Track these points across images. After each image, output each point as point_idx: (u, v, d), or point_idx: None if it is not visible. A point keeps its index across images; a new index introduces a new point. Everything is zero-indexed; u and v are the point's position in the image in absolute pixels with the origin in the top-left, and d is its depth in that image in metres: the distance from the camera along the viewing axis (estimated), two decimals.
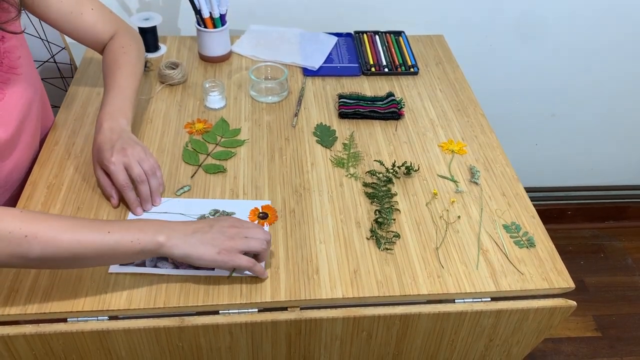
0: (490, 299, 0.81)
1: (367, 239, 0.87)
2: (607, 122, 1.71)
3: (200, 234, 0.75)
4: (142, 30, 1.20)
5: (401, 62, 1.26)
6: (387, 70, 1.24)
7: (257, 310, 0.77)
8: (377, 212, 0.90)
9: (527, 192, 0.96)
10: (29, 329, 0.73)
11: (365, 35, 1.35)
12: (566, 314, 0.83)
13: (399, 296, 0.79)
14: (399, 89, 1.20)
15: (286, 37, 1.33)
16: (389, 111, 1.10)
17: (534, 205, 0.94)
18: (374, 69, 1.24)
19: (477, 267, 0.83)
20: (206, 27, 1.19)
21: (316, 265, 0.82)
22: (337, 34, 1.36)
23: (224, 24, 1.21)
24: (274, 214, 0.89)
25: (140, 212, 0.87)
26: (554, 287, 0.81)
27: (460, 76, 1.25)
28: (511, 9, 1.42)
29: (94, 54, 1.22)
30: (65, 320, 0.75)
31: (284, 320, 0.77)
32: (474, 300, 0.81)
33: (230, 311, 0.77)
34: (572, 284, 0.82)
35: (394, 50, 1.30)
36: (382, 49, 1.31)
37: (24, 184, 0.92)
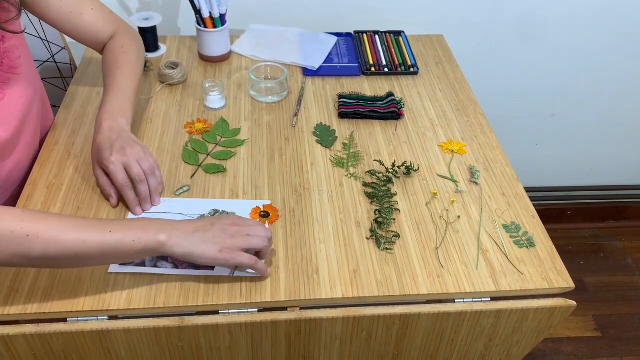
0: (490, 299, 0.81)
1: (367, 238, 0.87)
2: (607, 122, 1.71)
3: (201, 233, 0.75)
4: (142, 30, 1.20)
5: (401, 62, 1.26)
6: (387, 70, 1.24)
7: (257, 310, 0.77)
8: (377, 212, 0.90)
9: (527, 192, 0.96)
10: (28, 329, 0.73)
11: (365, 35, 1.35)
12: (566, 314, 0.83)
13: (399, 296, 0.79)
14: (399, 88, 1.20)
15: (286, 36, 1.33)
16: (389, 111, 1.10)
17: (534, 205, 0.94)
18: (373, 69, 1.24)
19: (477, 267, 0.83)
20: (206, 27, 1.19)
21: (316, 265, 0.82)
22: (337, 34, 1.36)
23: (223, 24, 1.21)
24: (275, 213, 0.89)
25: (139, 211, 0.87)
26: (553, 287, 0.81)
27: (460, 76, 1.25)
28: (511, 9, 1.42)
29: (94, 54, 1.22)
30: (65, 320, 0.75)
31: (283, 320, 0.77)
32: (474, 300, 0.81)
33: (230, 311, 0.77)
34: (572, 284, 0.82)
35: (393, 50, 1.30)
36: (382, 48, 1.31)
37: (24, 183, 0.92)
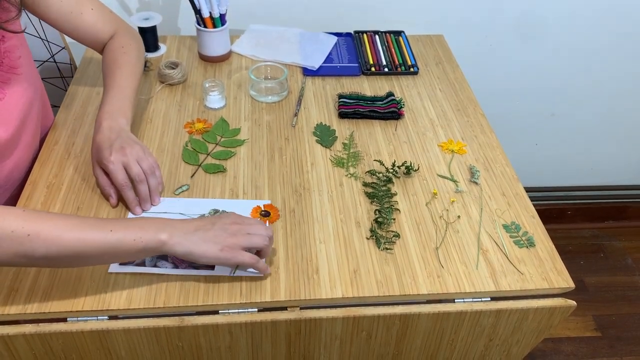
0: (490, 299, 0.81)
1: (367, 238, 0.87)
2: (607, 122, 1.71)
3: (202, 232, 0.75)
4: (142, 30, 1.20)
5: (401, 62, 1.26)
6: (386, 70, 1.24)
7: (256, 310, 0.77)
8: (377, 212, 0.90)
9: (527, 192, 0.96)
10: (28, 329, 0.73)
11: (365, 35, 1.35)
12: (566, 314, 0.83)
13: (399, 296, 0.79)
14: (399, 88, 1.20)
15: (286, 36, 1.33)
16: (389, 111, 1.10)
17: (534, 205, 0.94)
18: (373, 69, 1.24)
19: (477, 267, 0.83)
20: (206, 26, 1.19)
21: (316, 265, 0.82)
22: (337, 34, 1.36)
23: (223, 24, 1.21)
24: (275, 213, 0.89)
25: (139, 211, 0.87)
26: (553, 286, 0.81)
27: (460, 76, 1.25)
28: (511, 9, 1.42)
29: (94, 54, 1.22)
30: (65, 320, 0.75)
31: (283, 320, 0.77)
32: (474, 300, 0.81)
33: (230, 311, 0.77)
34: (571, 284, 0.82)
35: (393, 50, 1.30)
36: (382, 48, 1.31)
37: (24, 183, 0.92)
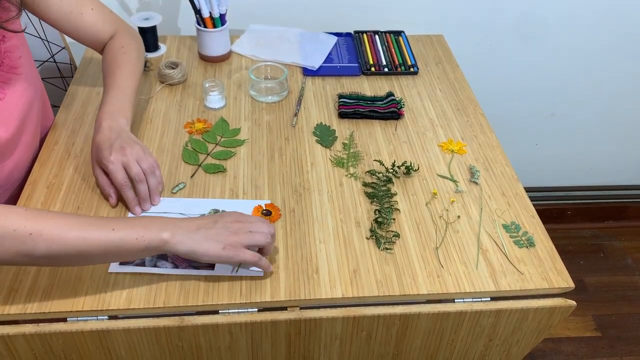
0: (489, 299, 0.81)
1: (367, 238, 0.87)
2: (607, 121, 1.71)
3: (204, 230, 0.75)
4: (142, 30, 1.20)
5: (401, 61, 1.26)
6: (386, 70, 1.24)
7: (256, 309, 0.77)
8: (376, 212, 0.90)
9: (526, 191, 0.96)
10: (28, 329, 0.73)
11: (365, 35, 1.35)
12: (566, 314, 0.83)
13: (399, 296, 0.79)
14: (399, 88, 1.20)
15: (286, 36, 1.33)
16: (389, 111, 1.10)
17: (534, 205, 0.94)
18: (373, 69, 1.24)
19: (477, 267, 0.83)
20: (206, 26, 1.19)
21: (316, 264, 0.82)
22: (337, 34, 1.36)
23: (223, 24, 1.21)
24: (277, 212, 0.89)
25: (138, 211, 0.87)
26: (553, 286, 0.81)
27: (460, 76, 1.25)
28: (511, 9, 1.42)
29: (94, 54, 1.22)
30: (65, 319, 0.75)
31: (283, 319, 0.77)
32: (474, 300, 0.81)
33: (229, 311, 0.77)
34: (571, 284, 0.82)
35: (393, 50, 1.30)
36: (382, 48, 1.31)
37: (24, 183, 0.92)
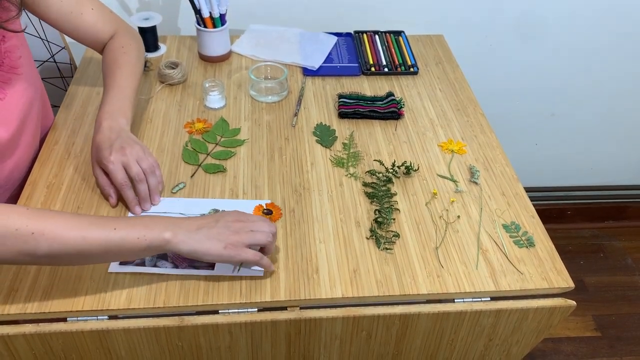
0: (489, 299, 0.81)
1: (367, 238, 0.87)
2: (607, 121, 1.71)
3: (206, 230, 0.75)
4: (142, 30, 1.20)
5: (401, 61, 1.26)
6: (386, 70, 1.24)
7: (256, 309, 0.77)
8: (376, 212, 0.90)
9: (526, 191, 0.96)
10: (28, 329, 0.73)
11: (365, 35, 1.35)
12: (566, 314, 0.83)
13: (399, 296, 0.79)
14: (399, 88, 1.20)
15: (286, 36, 1.33)
16: (389, 111, 1.10)
17: (534, 205, 0.94)
18: (373, 69, 1.24)
19: (477, 267, 0.83)
20: (206, 26, 1.19)
21: (316, 264, 0.82)
22: (337, 34, 1.36)
23: (223, 24, 1.21)
24: (278, 211, 0.89)
25: (138, 211, 0.87)
26: (553, 286, 0.81)
27: (460, 76, 1.25)
28: (511, 9, 1.42)
29: (94, 54, 1.22)
30: (65, 319, 0.75)
31: (283, 319, 0.77)
32: (474, 299, 0.81)
33: (229, 311, 0.77)
34: (571, 284, 0.82)
35: (393, 50, 1.30)
36: (382, 48, 1.31)
37: (24, 183, 0.92)
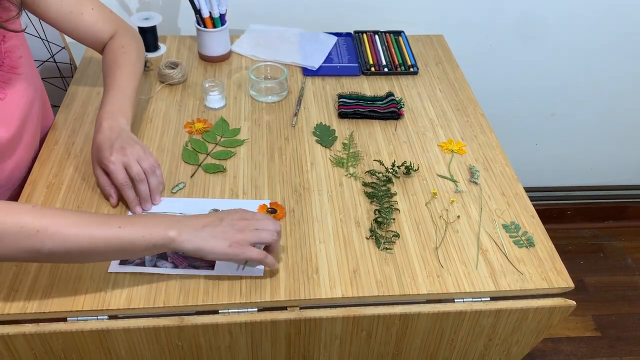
0: (489, 299, 0.81)
1: (367, 238, 0.87)
2: (607, 121, 1.71)
3: (210, 228, 0.75)
4: (142, 29, 1.20)
5: (401, 62, 1.26)
6: (386, 70, 1.24)
7: (256, 309, 0.77)
8: (376, 212, 0.90)
9: (526, 191, 0.96)
10: (28, 328, 0.73)
11: (365, 35, 1.35)
12: (565, 314, 0.83)
13: (399, 296, 0.79)
14: (399, 88, 1.20)
15: (286, 36, 1.33)
16: (389, 111, 1.10)
17: (534, 205, 0.94)
18: (373, 69, 1.24)
19: (477, 267, 0.83)
20: (206, 26, 1.19)
21: (316, 264, 0.82)
22: (337, 34, 1.36)
23: (223, 24, 1.21)
24: (282, 210, 0.89)
25: (139, 211, 0.87)
26: (553, 286, 0.81)
27: (460, 76, 1.25)
28: (511, 9, 1.42)
29: (94, 54, 1.22)
30: (65, 319, 0.75)
31: (283, 319, 0.77)
32: (474, 299, 0.81)
33: (229, 310, 0.77)
34: (571, 284, 0.82)
35: (393, 50, 1.30)
36: (382, 48, 1.31)
37: (25, 183, 0.92)
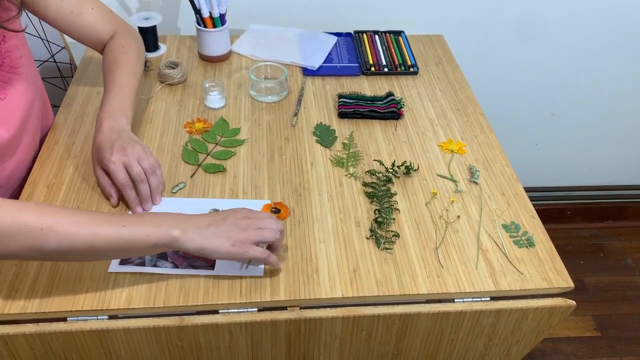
0: (489, 299, 0.81)
1: (367, 238, 0.87)
2: (607, 121, 1.71)
3: (214, 227, 0.75)
4: (142, 29, 1.20)
5: (401, 61, 1.26)
6: (386, 70, 1.24)
7: (256, 309, 0.77)
8: (376, 212, 0.90)
9: (526, 191, 0.96)
10: (28, 328, 0.73)
11: (364, 35, 1.35)
12: (565, 314, 0.83)
13: (399, 296, 0.79)
14: (399, 88, 1.20)
15: (286, 36, 1.33)
16: (389, 111, 1.10)
17: (534, 205, 0.94)
18: (373, 69, 1.24)
19: (477, 267, 0.83)
20: (206, 26, 1.19)
21: (316, 264, 0.82)
22: (337, 34, 1.36)
23: (223, 24, 1.21)
24: (285, 210, 0.89)
25: (140, 211, 0.87)
26: (553, 286, 0.81)
27: (459, 76, 1.25)
28: (511, 9, 1.42)
29: (94, 54, 1.22)
30: (65, 319, 0.75)
31: (283, 319, 0.77)
32: (474, 299, 0.81)
33: (229, 310, 0.77)
34: (571, 284, 0.82)
35: (393, 50, 1.30)
36: (382, 48, 1.31)
37: (25, 183, 0.92)
